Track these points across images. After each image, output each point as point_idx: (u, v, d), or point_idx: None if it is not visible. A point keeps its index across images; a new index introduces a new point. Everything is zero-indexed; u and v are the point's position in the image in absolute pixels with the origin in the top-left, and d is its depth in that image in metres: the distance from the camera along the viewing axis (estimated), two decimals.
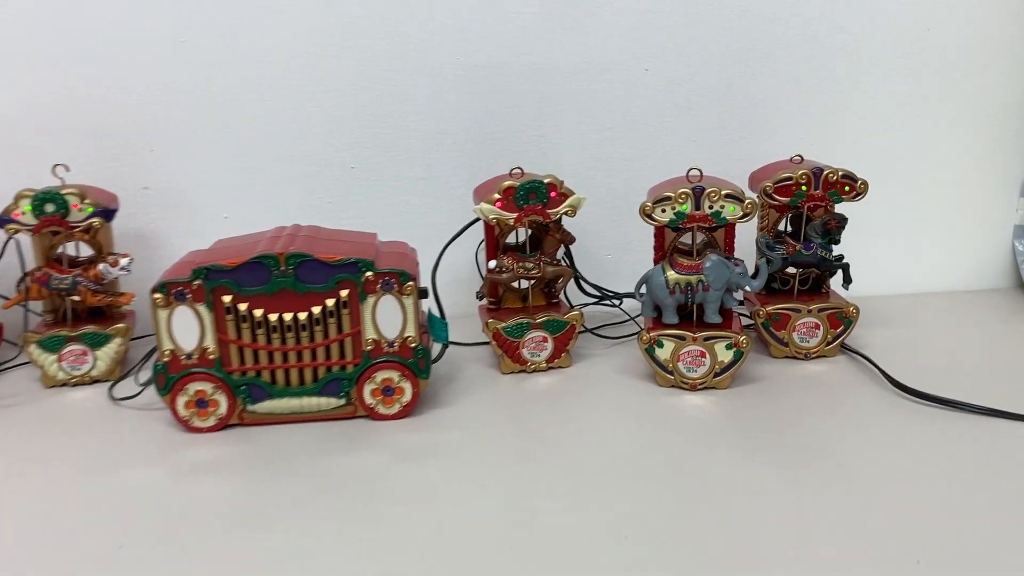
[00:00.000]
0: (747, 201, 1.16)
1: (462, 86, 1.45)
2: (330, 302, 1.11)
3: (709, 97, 1.48)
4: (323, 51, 1.44)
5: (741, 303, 1.40)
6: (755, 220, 1.33)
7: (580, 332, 1.31)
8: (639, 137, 1.49)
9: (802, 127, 1.51)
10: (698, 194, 1.16)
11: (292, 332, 1.11)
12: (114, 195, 1.35)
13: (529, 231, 1.28)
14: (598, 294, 1.46)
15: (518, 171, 1.27)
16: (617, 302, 1.47)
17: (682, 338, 1.20)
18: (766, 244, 1.29)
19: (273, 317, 1.11)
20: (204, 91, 1.44)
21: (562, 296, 1.35)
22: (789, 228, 1.35)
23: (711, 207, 1.16)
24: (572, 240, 1.30)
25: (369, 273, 1.10)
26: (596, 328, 1.42)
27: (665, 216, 1.18)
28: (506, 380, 1.26)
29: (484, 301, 1.32)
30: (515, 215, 1.22)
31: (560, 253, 1.31)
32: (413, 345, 1.14)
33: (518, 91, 1.45)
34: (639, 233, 1.23)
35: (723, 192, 1.16)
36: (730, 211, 1.16)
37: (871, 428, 1.07)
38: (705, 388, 1.19)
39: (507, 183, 1.22)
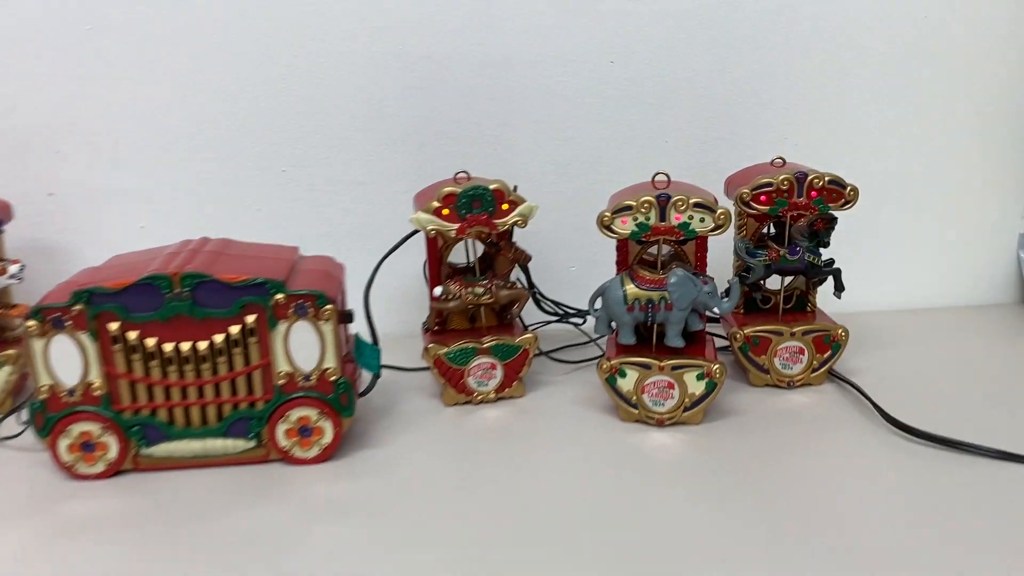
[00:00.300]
0: (720, 211, 1.01)
1: (406, 80, 1.31)
2: (234, 329, 0.96)
3: (682, 93, 1.35)
4: (250, 41, 1.28)
5: (716, 320, 1.25)
6: (731, 231, 1.19)
7: (536, 356, 1.16)
8: (604, 137, 1.35)
9: (786, 127, 1.37)
10: (663, 203, 1.01)
11: (191, 364, 0.96)
12: (6, 203, 1.19)
13: (481, 248, 1.13)
14: (558, 312, 1.31)
15: (463, 175, 1.12)
16: (580, 321, 1.32)
17: (647, 367, 1.05)
18: (746, 249, 1.14)
19: (168, 347, 0.95)
20: (117, 86, 1.28)
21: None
22: (772, 230, 1.20)
23: (679, 218, 1.01)
24: (527, 259, 1.15)
25: (279, 295, 0.95)
26: (555, 351, 1.27)
27: (626, 228, 1.03)
28: (449, 413, 1.12)
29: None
30: (457, 226, 1.07)
31: (515, 274, 1.16)
32: (333, 378, 0.98)
33: (468, 85, 1.31)
34: (606, 243, 1.08)
35: (692, 201, 1.01)
36: (700, 223, 1.01)
37: (862, 473, 0.94)
38: (674, 424, 1.05)
39: (447, 189, 1.07)
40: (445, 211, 1.07)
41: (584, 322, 1.32)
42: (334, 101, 1.30)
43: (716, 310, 1.06)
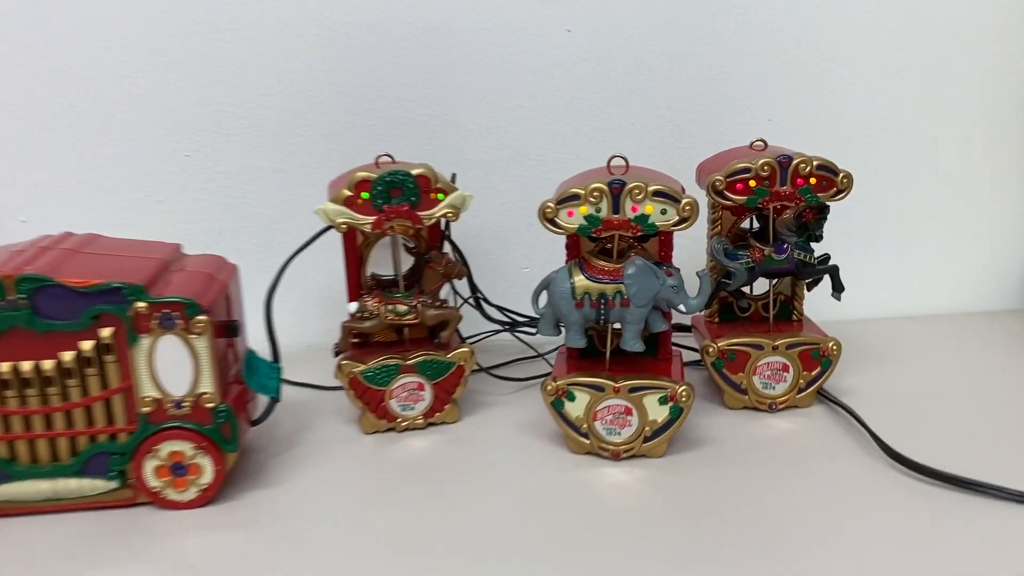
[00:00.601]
0: (684, 202, 0.83)
1: (329, 51, 1.15)
2: (86, 345, 0.78)
3: (650, 67, 1.19)
4: (143, 4, 1.10)
5: (687, 330, 1.08)
6: (704, 226, 1.01)
7: (473, 373, 0.98)
8: (561, 118, 1.20)
9: (770, 108, 1.22)
10: (616, 190, 0.83)
11: (34, 388, 0.78)
12: None
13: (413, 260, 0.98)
14: (506, 320, 1.13)
15: (386, 159, 0.95)
16: (533, 330, 1.14)
17: (599, 388, 0.88)
18: (724, 251, 0.97)
19: (5, 367, 0.77)
20: None
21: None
22: (755, 225, 1.03)
23: (635, 209, 0.84)
24: (461, 274, 0.98)
25: (140, 304, 0.77)
26: (498, 367, 1.10)
27: (573, 221, 0.85)
28: (367, 443, 0.97)
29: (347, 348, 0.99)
30: (372, 219, 0.90)
31: (445, 292, 0.99)
32: (211, 405, 0.80)
33: (403, 57, 1.16)
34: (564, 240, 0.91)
35: (651, 188, 0.83)
36: (661, 215, 0.84)
37: (858, 518, 0.79)
38: (632, 457, 0.90)
39: (361, 175, 0.89)
40: (359, 201, 0.89)
41: (537, 332, 1.14)
42: (244, 74, 1.14)
43: (682, 308, 0.88)
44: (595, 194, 0.84)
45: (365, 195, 0.89)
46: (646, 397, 0.88)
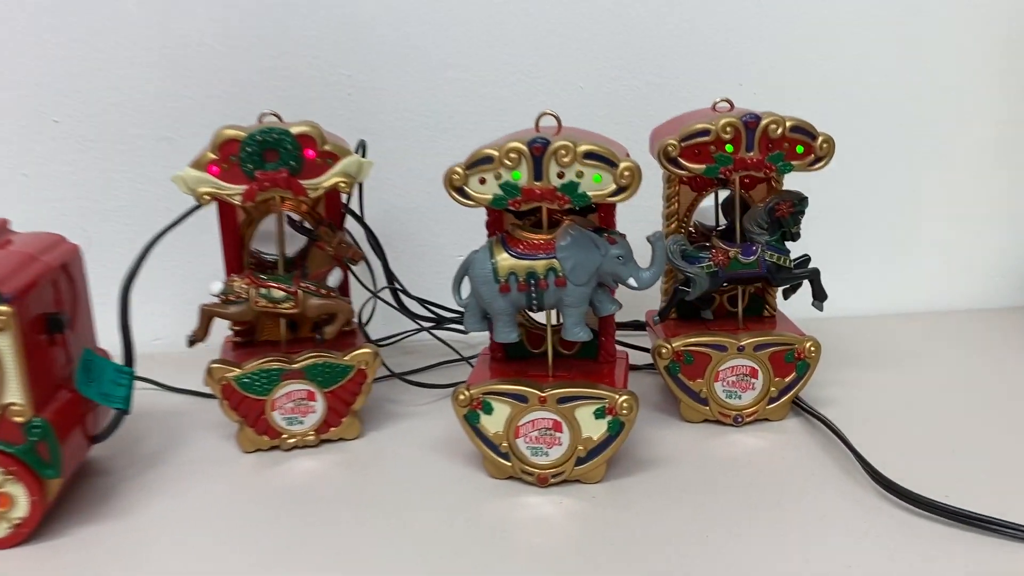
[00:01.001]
0: (622, 166, 0.67)
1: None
2: None
3: (603, 23, 1.05)
4: None
5: (641, 329, 0.91)
6: (661, 207, 0.86)
7: (381, 379, 0.82)
8: (499, 81, 1.06)
9: (742, 71, 1.08)
10: (538, 151, 0.67)
11: None
12: None
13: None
14: (430, 315, 0.97)
15: (271, 117, 0.78)
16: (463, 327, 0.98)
17: (522, 399, 0.72)
18: (681, 252, 0.81)
19: None
20: None
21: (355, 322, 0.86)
22: (721, 223, 0.87)
23: (561, 174, 0.67)
24: (356, 257, 0.82)
25: None
26: (414, 372, 0.94)
27: (486, 191, 0.69)
28: (245, 464, 0.82)
29: (200, 338, 0.82)
30: (243, 188, 0.73)
31: (335, 279, 0.82)
32: (21, 419, 0.64)
33: (311, 7, 1.00)
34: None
35: (580, 149, 0.66)
36: (594, 181, 0.67)
37: (838, 557, 0.65)
38: (562, 482, 0.75)
39: (228, 133, 0.73)
40: (225, 166, 0.72)
41: (464, 328, 0.99)
42: (121, 24, 0.99)
43: (632, 283, 0.72)
44: (512, 156, 0.67)
45: (234, 158, 0.73)
46: (579, 409, 0.72)
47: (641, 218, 0.85)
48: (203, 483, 0.77)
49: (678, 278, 0.85)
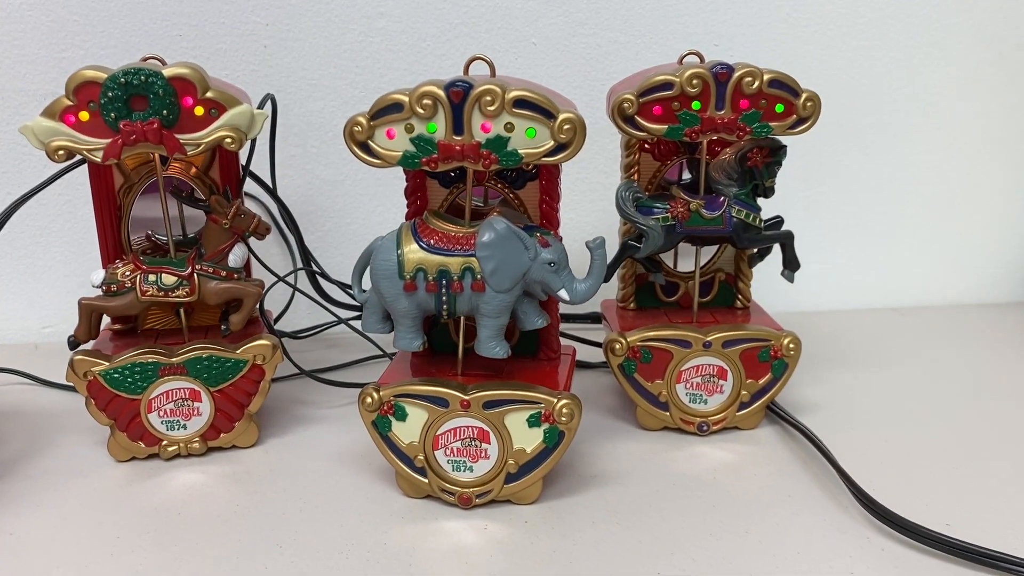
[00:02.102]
0: (561, 118, 0.54)
1: None
2: None
3: None
4: None
5: (596, 320, 0.79)
6: (620, 174, 0.74)
7: (289, 377, 0.69)
8: (436, 32, 0.93)
9: (716, 27, 0.96)
10: (457, 97, 0.54)
11: None
12: None
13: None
14: (356, 304, 0.85)
15: (154, 62, 0.65)
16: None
17: (442, 402, 0.59)
18: (634, 201, 0.69)
19: None
20: None
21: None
22: (687, 176, 0.75)
23: (487, 127, 0.55)
24: (261, 229, 0.69)
25: None
26: (330, 369, 0.82)
27: (395, 146, 0.56)
28: (115, 477, 0.69)
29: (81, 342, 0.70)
30: (104, 142, 0.60)
31: (237, 258, 0.69)
32: None
33: None
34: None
35: (510, 96, 0.54)
36: (527, 136, 0.55)
37: None
38: (489, 503, 0.64)
39: (86, 75, 0.60)
40: (83, 114, 0.59)
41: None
42: None
43: (563, 295, 0.60)
44: (426, 104, 0.54)
45: (93, 105, 0.60)
46: (510, 416, 0.61)
47: (597, 187, 0.73)
48: (60, 498, 0.66)
49: (631, 233, 0.72)
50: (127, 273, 0.67)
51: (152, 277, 0.67)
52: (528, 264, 0.59)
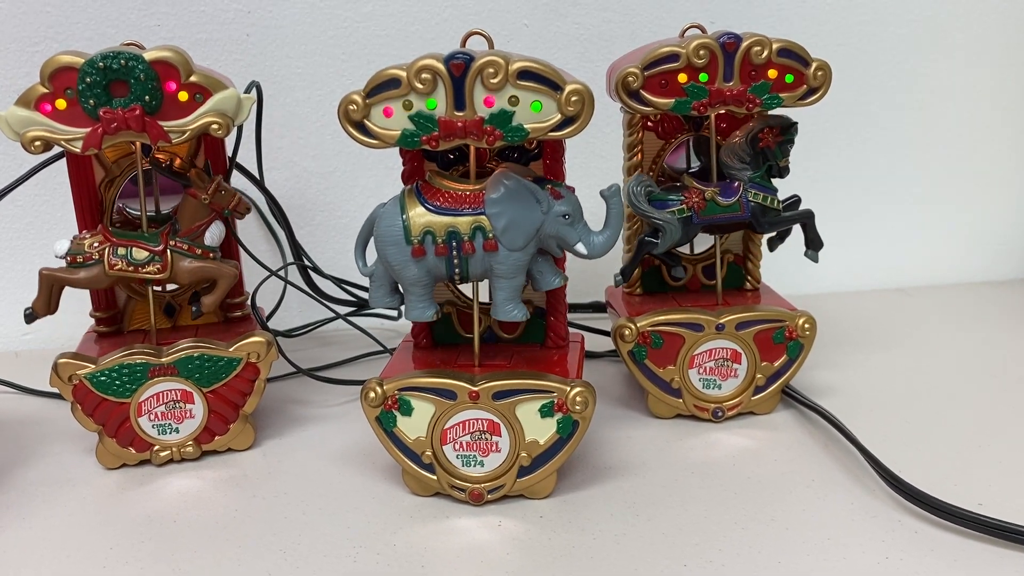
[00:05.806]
0: (569, 89, 0.52)
1: None
2: None
3: None
4: None
5: (602, 309, 0.76)
6: (622, 160, 0.71)
7: (284, 376, 0.66)
8: (425, 16, 0.91)
9: (712, 7, 0.93)
10: (458, 70, 0.51)
11: None
12: None
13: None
14: (352, 300, 0.82)
15: (134, 46, 0.61)
16: (395, 316, 0.84)
17: (449, 395, 0.56)
18: (648, 195, 0.66)
19: None
20: None
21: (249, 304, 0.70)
22: (694, 165, 0.72)
23: (490, 101, 0.52)
24: (242, 208, 0.66)
25: None
26: (328, 367, 0.80)
27: (393, 124, 0.53)
28: (105, 485, 0.66)
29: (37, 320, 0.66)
30: (83, 132, 0.57)
31: (214, 236, 0.66)
32: None
33: None
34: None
35: (513, 68, 0.51)
36: (532, 110, 0.52)
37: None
38: (502, 499, 0.61)
39: (62, 60, 0.57)
40: (60, 102, 0.56)
41: (399, 317, 0.84)
42: None
43: (581, 248, 0.57)
44: (425, 78, 0.52)
45: (71, 92, 0.56)
46: (521, 406, 0.58)
47: (595, 171, 0.70)
48: (47, 509, 0.63)
49: (646, 229, 0.70)
50: (95, 244, 0.63)
51: (122, 250, 0.63)
52: (541, 218, 0.56)
